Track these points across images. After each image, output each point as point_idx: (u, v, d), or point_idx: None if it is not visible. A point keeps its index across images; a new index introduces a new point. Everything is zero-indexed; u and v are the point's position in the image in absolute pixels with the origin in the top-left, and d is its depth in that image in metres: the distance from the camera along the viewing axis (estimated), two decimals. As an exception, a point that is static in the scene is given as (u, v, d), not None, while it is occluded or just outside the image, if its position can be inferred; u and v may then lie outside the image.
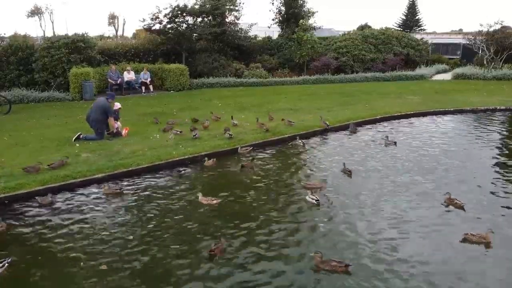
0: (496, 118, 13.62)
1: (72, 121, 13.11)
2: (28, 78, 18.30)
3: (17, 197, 7.04)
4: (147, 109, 14.95)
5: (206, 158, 9.02)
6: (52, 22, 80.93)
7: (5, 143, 10.37)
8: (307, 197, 7.02)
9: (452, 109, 14.53)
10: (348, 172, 8.37)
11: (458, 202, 6.66)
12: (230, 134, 10.54)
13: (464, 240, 5.55)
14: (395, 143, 10.34)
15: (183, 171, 8.51)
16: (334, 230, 5.95)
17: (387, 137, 10.62)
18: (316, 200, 6.85)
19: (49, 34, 56.02)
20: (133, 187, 7.73)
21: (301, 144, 10.38)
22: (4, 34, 20.36)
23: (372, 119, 13.03)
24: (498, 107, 14.80)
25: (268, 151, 10.02)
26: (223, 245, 5.50)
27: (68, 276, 4.94)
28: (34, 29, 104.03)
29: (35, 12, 65.92)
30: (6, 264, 4.99)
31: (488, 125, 12.59)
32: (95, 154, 9.22)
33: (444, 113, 14.22)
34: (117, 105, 11.34)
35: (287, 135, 10.95)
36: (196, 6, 22.42)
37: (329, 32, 38.75)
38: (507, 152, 9.93)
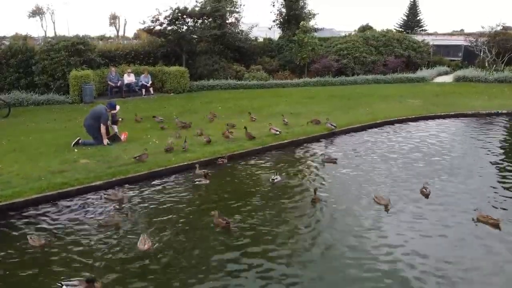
0: (498, 123, 13.55)
1: (71, 125, 13.06)
2: (27, 81, 18.26)
3: (13, 205, 6.99)
4: (147, 113, 14.82)
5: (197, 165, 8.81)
6: (54, 23, 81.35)
7: (3, 148, 10.32)
8: (271, 177, 8.16)
9: (452, 113, 14.44)
10: (333, 160, 9.13)
11: (424, 191, 7.41)
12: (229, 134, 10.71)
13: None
14: (335, 160, 9.31)
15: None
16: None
17: (323, 154, 9.78)
18: (272, 179, 8.05)
19: (50, 34, 56.13)
20: (132, 194, 7.68)
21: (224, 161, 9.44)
22: (5, 36, 20.30)
23: (373, 123, 12.96)
24: (499, 111, 14.70)
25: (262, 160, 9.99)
26: (319, 197, 7.14)
27: None
28: (35, 30, 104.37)
29: (37, 12, 66.01)
30: None
31: (491, 130, 12.55)
32: (94, 160, 9.17)
33: (445, 117, 14.15)
34: (116, 108, 11.20)
35: (286, 141, 10.90)
36: (197, 8, 22.35)
37: (330, 33, 38.75)
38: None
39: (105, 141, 10.42)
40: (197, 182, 8.14)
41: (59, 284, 4.66)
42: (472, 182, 8.12)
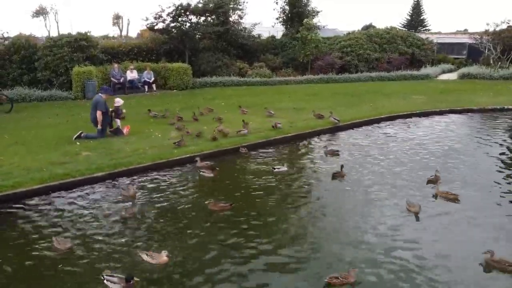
0: (504, 118, 13.42)
1: (74, 120, 13.03)
2: (30, 76, 18.25)
3: (16, 195, 6.92)
4: (149, 108, 14.79)
5: (198, 159, 8.55)
6: (57, 22, 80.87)
7: (5, 141, 10.27)
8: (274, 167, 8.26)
9: (459, 108, 14.31)
10: (336, 153, 9.25)
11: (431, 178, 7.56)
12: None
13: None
14: (337, 151, 9.40)
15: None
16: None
17: (326, 147, 9.74)
18: (273, 168, 8.19)
19: (54, 34, 56.11)
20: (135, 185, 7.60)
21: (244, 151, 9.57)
22: (7, 33, 20.28)
23: (377, 118, 12.87)
24: (505, 107, 14.55)
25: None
26: (344, 173, 7.71)
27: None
28: (39, 29, 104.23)
29: (40, 12, 66.13)
30: None
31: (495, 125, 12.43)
32: (96, 152, 9.11)
33: (449, 112, 14.03)
34: (119, 101, 11.11)
35: (290, 134, 10.82)
36: (200, 5, 22.30)
37: (333, 32, 38.48)
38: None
39: (99, 126, 10.36)
40: (201, 173, 8.06)
41: (102, 277, 4.58)
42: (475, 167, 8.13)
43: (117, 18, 71.87)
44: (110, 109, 10.76)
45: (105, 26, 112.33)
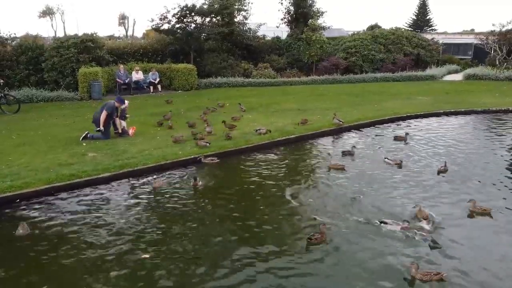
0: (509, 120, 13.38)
1: (80, 120, 13.14)
2: (37, 77, 18.48)
3: (22, 195, 7.04)
4: (154, 109, 14.91)
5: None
6: (63, 23, 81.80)
7: (12, 142, 10.42)
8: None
9: (463, 109, 14.28)
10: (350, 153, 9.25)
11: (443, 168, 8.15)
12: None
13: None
14: (351, 152, 9.40)
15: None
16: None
17: (354, 146, 9.80)
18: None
19: (60, 34, 56.73)
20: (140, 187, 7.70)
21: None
22: (15, 34, 20.52)
23: (380, 119, 12.88)
24: (510, 108, 14.50)
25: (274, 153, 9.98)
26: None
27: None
28: (45, 30, 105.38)
29: (47, 12, 66.77)
30: None
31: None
32: (102, 153, 9.22)
33: (455, 113, 14.00)
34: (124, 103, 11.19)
35: (294, 136, 10.88)
36: (205, 6, 22.40)
37: (339, 32, 38.52)
38: None
39: (101, 127, 10.41)
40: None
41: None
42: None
43: (123, 19, 72.45)
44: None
45: (111, 26, 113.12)
